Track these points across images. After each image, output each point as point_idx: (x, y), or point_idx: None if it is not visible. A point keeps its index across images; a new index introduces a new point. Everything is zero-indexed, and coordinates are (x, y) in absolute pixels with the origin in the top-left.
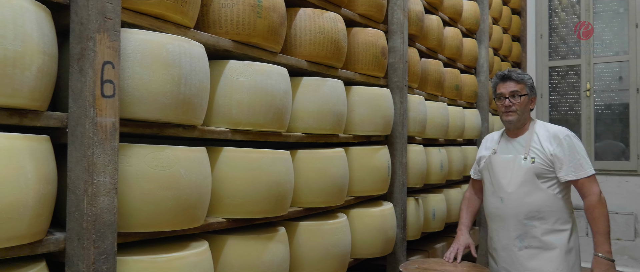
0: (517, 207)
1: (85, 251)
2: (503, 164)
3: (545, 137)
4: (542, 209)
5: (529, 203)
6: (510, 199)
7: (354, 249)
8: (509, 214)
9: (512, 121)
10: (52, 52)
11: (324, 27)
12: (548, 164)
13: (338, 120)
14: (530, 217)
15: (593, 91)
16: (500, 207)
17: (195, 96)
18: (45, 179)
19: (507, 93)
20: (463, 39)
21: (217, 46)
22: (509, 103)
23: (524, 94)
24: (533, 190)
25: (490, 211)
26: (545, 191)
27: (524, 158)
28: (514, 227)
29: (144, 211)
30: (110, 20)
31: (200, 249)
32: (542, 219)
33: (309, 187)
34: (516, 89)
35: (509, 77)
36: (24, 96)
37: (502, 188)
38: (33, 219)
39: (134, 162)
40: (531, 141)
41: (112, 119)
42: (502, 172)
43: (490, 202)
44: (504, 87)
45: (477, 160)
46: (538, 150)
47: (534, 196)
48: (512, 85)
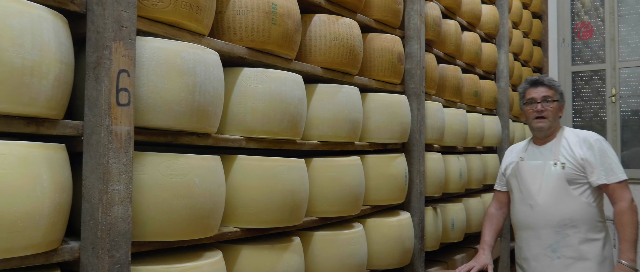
0: (549, 216)
1: (100, 261)
2: (532, 170)
3: (575, 141)
4: (574, 217)
5: (561, 211)
6: (541, 207)
7: (370, 260)
8: (540, 222)
9: (543, 128)
10: (68, 61)
11: (339, 33)
12: (579, 169)
13: (354, 128)
14: (562, 226)
15: (619, 97)
16: (530, 215)
17: (210, 104)
18: (60, 187)
19: (539, 98)
20: (482, 43)
21: (232, 53)
22: (541, 108)
23: (555, 100)
24: (565, 197)
25: (519, 219)
26: (578, 198)
27: (554, 164)
28: (546, 236)
29: (158, 220)
30: (126, 28)
31: (214, 259)
32: (575, 227)
33: (324, 196)
34: (548, 94)
35: (540, 82)
36: (41, 105)
37: (531, 195)
38: (48, 227)
39: (148, 171)
40: (560, 147)
41: (127, 127)
42: (531, 179)
43: (519, 211)
44: (535, 92)
45: (503, 170)
46: (568, 155)
47: (566, 203)
48: (544, 90)
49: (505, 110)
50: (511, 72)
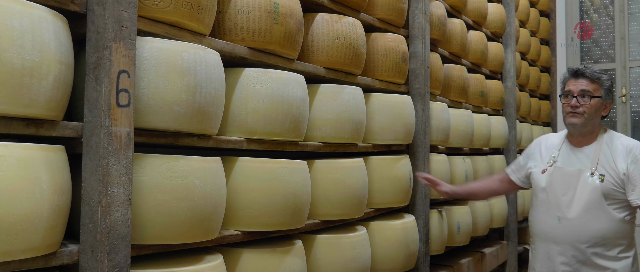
0: (579, 232)
1: (99, 264)
2: (565, 178)
3: (619, 151)
4: (606, 235)
5: (593, 229)
6: (571, 222)
7: (374, 264)
8: (566, 237)
9: (576, 124)
10: (68, 62)
11: (342, 33)
12: (619, 184)
13: (357, 129)
14: (592, 244)
15: (629, 97)
16: (556, 229)
17: (211, 105)
18: (60, 190)
19: (576, 91)
20: (488, 43)
21: (233, 53)
22: (576, 103)
23: (596, 96)
24: (599, 213)
25: (541, 230)
26: (612, 215)
27: (590, 174)
28: (573, 252)
29: (158, 222)
30: (127, 28)
31: (215, 263)
32: (604, 246)
33: (327, 198)
34: (588, 89)
35: (582, 73)
36: (41, 106)
37: (560, 207)
38: (48, 230)
39: (149, 173)
40: (601, 154)
41: (127, 128)
42: (563, 188)
43: (542, 221)
44: (574, 84)
45: (524, 163)
46: (609, 166)
47: (600, 220)
48: (585, 83)
49: (512, 111)
50: (518, 71)
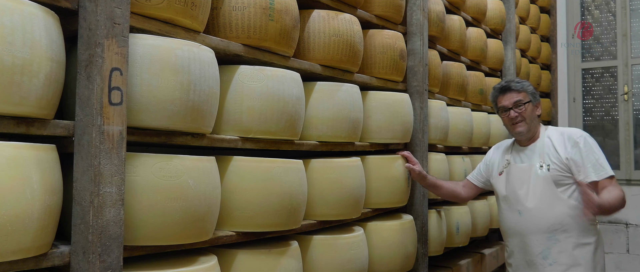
0: (539, 221)
1: (91, 266)
2: (518, 174)
3: (559, 141)
4: (565, 221)
5: (550, 215)
6: (530, 213)
7: (371, 265)
8: (529, 228)
9: (522, 132)
10: (60, 59)
11: (339, 30)
12: (564, 169)
13: (354, 128)
14: (553, 231)
15: (631, 94)
16: (519, 222)
17: (205, 103)
18: (51, 189)
19: (510, 104)
20: (487, 39)
21: (228, 50)
22: (514, 114)
23: (527, 102)
24: (554, 201)
25: (508, 226)
26: (566, 201)
27: (540, 167)
28: (537, 242)
29: (151, 223)
30: (119, 25)
31: (209, 264)
32: (566, 232)
33: (323, 198)
34: (519, 98)
35: (508, 88)
36: (32, 104)
37: (519, 201)
38: (38, 231)
39: (141, 172)
40: (545, 147)
41: (119, 127)
42: (518, 183)
43: (507, 217)
44: (505, 99)
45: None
46: (553, 156)
47: (556, 207)
48: (514, 95)
49: None
50: (518, 69)
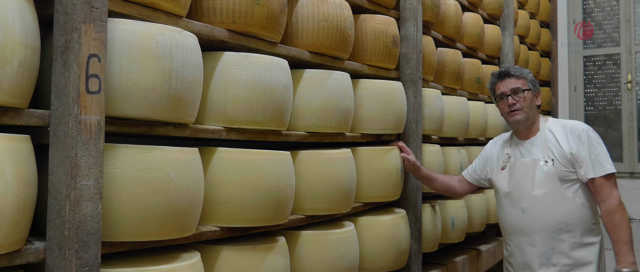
0: (543, 219)
1: (67, 262)
2: (522, 169)
3: (562, 134)
4: (570, 221)
5: (556, 213)
6: (535, 210)
7: (362, 262)
8: (533, 227)
9: (520, 121)
10: (34, 45)
11: (329, 15)
12: (569, 164)
13: (344, 118)
14: (557, 230)
15: (635, 83)
16: (522, 220)
17: (187, 91)
18: (25, 182)
19: (508, 91)
20: (485, 25)
21: (211, 36)
22: (512, 101)
23: (527, 89)
24: (559, 198)
25: (509, 224)
26: (572, 200)
27: (544, 162)
28: (541, 242)
29: (131, 218)
30: (97, 9)
31: (192, 261)
32: (570, 232)
33: (312, 192)
34: (518, 86)
35: (507, 73)
36: (4, 92)
37: (523, 198)
38: (11, 226)
39: (120, 164)
40: (547, 141)
41: (97, 117)
42: (522, 179)
43: (509, 215)
44: (503, 85)
45: (481, 167)
46: (556, 150)
47: (561, 205)
48: (513, 81)
49: None
50: (517, 56)
